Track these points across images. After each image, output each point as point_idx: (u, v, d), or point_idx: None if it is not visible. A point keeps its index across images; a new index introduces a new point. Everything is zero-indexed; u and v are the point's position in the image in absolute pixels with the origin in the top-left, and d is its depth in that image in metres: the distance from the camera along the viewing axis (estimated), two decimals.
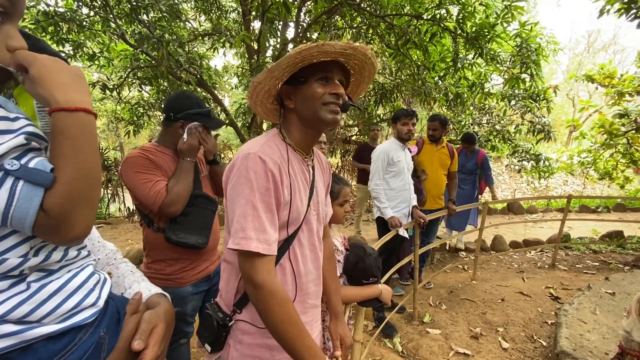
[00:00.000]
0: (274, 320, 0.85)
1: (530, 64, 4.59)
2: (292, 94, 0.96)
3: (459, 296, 3.45)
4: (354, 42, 0.88)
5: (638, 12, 3.08)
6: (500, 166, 13.08)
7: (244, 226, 0.84)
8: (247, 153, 0.87)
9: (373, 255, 1.51)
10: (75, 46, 4.80)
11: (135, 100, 6.15)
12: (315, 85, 0.92)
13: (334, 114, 0.93)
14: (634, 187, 9.18)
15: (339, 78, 0.95)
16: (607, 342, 2.36)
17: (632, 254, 4.75)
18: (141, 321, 0.66)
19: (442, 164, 3.37)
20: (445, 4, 4.17)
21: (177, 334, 1.60)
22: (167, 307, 0.74)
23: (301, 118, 0.97)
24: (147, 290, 0.79)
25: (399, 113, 2.90)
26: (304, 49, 0.84)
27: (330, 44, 0.85)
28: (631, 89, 6.23)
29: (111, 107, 9.35)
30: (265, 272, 0.85)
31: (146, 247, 1.56)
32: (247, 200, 0.85)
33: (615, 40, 25.16)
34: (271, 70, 0.89)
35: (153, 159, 1.44)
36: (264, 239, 0.85)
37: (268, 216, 0.87)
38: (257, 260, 0.85)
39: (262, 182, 0.86)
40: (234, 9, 6.23)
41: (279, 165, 0.90)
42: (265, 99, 0.99)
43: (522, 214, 8.00)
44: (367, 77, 1.03)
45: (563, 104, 22.23)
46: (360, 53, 0.91)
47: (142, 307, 0.72)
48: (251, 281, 0.85)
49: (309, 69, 0.91)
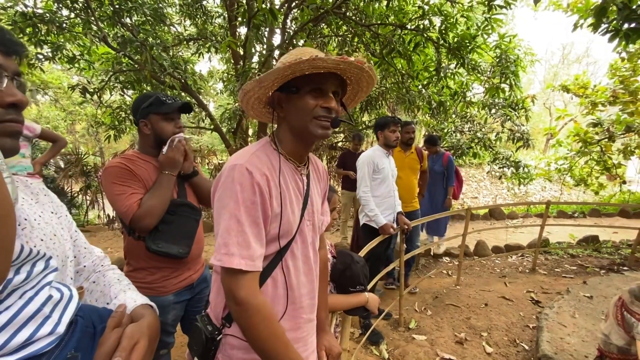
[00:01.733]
0: (258, 338, 0.82)
1: (509, 74, 4.75)
2: (283, 102, 0.93)
3: (443, 301, 3.48)
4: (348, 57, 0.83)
5: (609, 26, 3.23)
6: (481, 172, 13.40)
7: (227, 241, 0.81)
8: (234, 164, 0.85)
9: (360, 263, 1.51)
10: (54, 48, 4.67)
11: (117, 104, 6.01)
12: (307, 97, 0.88)
13: (324, 129, 0.90)
14: (607, 193, 9.56)
15: (334, 89, 0.91)
16: (586, 345, 2.43)
17: (607, 258, 4.93)
18: (122, 337, 0.62)
19: (412, 168, 3.52)
20: (429, 15, 4.28)
21: (157, 344, 1.54)
22: (151, 320, 0.71)
23: (291, 128, 0.94)
24: (133, 300, 0.75)
25: (386, 120, 2.91)
26: (293, 64, 0.80)
27: (323, 58, 0.81)
28: (603, 99, 6.53)
29: (91, 111, 9.11)
30: (248, 289, 0.82)
31: (127, 255, 1.51)
32: (232, 214, 0.82)
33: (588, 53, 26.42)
34: (260, 81, 0.86)
35: (132, 169, 1.40)
36: (248, 254, 0.82)
37: (253, 231, 0.84)
38: (240, 277, 0.82)
39: (248, 195, 0.83)
40: (220, 14, 6.21)
41: (267, 176, 0.86)
42: (256, 104, 0.97)
43: (504, 219, 8.19)
44: (365, 88, 1.00)
45: (540, 113, 23.07)
46: (355, 67, 0.87)
47: (126, 319, 0.68)
48: (234, 298, 0.82)
49: (302, 78, 0.87)
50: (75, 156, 6.51)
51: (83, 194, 6.89)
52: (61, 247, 0.71)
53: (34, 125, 2.87)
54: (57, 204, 0.79)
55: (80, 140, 15.45)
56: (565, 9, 5.41)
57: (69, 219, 0.82)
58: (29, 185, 0.74)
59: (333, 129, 0.92)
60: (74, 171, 6.31)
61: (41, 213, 0.70)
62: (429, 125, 7.30)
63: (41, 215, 0.69)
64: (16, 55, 0.61)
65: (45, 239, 0.66)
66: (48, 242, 0.67)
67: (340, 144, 7.75)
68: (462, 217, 4.21)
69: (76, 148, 7.05)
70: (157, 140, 1.49)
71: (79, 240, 0.85)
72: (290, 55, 0.90)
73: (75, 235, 0.84)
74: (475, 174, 13.46)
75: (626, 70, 6.27)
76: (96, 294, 0.81)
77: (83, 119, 10.01)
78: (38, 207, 0.71)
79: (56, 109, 12.51)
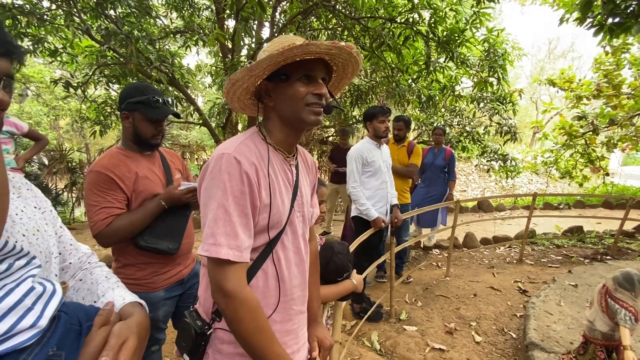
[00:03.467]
0: (245, 330, 0.81)
1: (497, 68, 4.81)
2: (272, 92, 0.91)
3: (433, 293, 3.54)
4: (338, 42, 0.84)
5: (594, 21, 3.29)
6: (470, 166, 13.57)
7: (214, 231, 0.80)
8: (222, 153, 0.83)
9: (342, 253, 1.51)
10: (35, 41, 4.51)
11: (102, 99, 5.86)
12: (297, 84, 0.87)
13: (316, 115, 0.89)
14: (591, 185, 9.81)
15: (322, 76, 0.91)
16: (572, 332, 2.50)
17: (591, 248, 5.07)
18: (110, 335, 0.60)
19: (401, 162, 3.57)
20: (418, 9, 4.29)
21: (148, 340, 1.52)
22: (140, 318, 0.69)
23: (281, 117, 0.93)
24: (121, 298, 0.73)
25: (374, 111, 2.88)
26: (286, 50, 0.79)
27: (315, 44, 0.81)
28: (588, 93, 6.65)
29: (75, 106, 8.88)
30: (236, 280, 0.81)
31: (115, 252, 1.48)
32: (219, 204, 0.80)
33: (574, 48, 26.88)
34: (251, 69, 0.84)
35: (115, 175, 1.35)
36: (236, 245, 0.80)
37: (242, 221, 0.82)
38: (227, 268, 0.80)
39: (236, 185, 0.81)
40: (207, 6, 6.09)
41: (256, 166, 0.85)
42: (243, 95, 0.94)
43: (492, 211, 8.34)
44: (350, 74, 1.00)
45: (527, 107, 23.46)
46: (345, 52, 0.87)
47: (114, 318, 0.66)
48: (220, 289, 0.81)
49: (292, 65, 0.86)
50: (60, 152, 6.34)
51: (68, 191, 6.74)
52: (45, 242, 0.68)
53: (22, 123, 3.01)
54: (41, 198, 0.77)
55: (65, 136, 15.08)
56: (552, 3, 5.48)
57: (53, 214, 0.79)
58: (10, 179, 0.71)
59: (325, 115, 0.92)
60: (58, 168, 6.15)
61: (23, 208, 0.68)
62: (419, 119, 7.35)
63: (23, 210, 0.67)
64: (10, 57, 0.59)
65: (28, 234, 0.64)
66: (31, 238, 0.64)
67: (331, 139, 7.74)
68: (452, 209, 4.26)
69: (60, 144, 6.85)
70: (135, 136, 1.46)
71: (65, 237, 0.83)
72: (274, 44, 0.88)
73: (60, 232, 0.81)
74: (464, 167, 13.63)
75: (610, 64, 6.40)
76: (83, 292, 0.79)
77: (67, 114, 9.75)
78: (20, 201, 0.69)
79: (38, 104, 12.14)
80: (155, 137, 1.48)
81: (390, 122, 2.94)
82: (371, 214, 2.76)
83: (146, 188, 1.42)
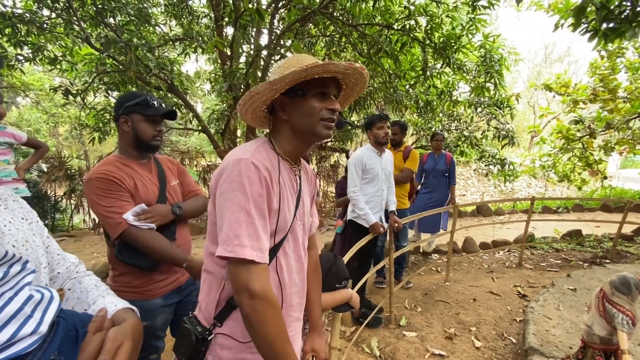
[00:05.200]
0: (269, 332, 0.81)
1: (494, 73, 4.85)
2: (287, 106, 0.96)
3: (433, 298, 3.53)
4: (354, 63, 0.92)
5: (588, 26, 3.32)
6: (469, 170, 13.61)
7: (238, 233, 0.81)
8: (240, 158, 0.85)
9: (343, 260, 1.53)
10: (34, 49, 4.55)
11: (102, 106, 5.89)
12: (313, 100, 0.93)
13: (329, 129, 0.96)
14: (589, 188, 9.83)
15: (334, 93, 0.98)
16: (570, 336, 2.49)
17: (590, 252, 5.07)
18: (105, 340, 0.61)
19: (397, 167, 3.57)
20: (414, 15, 4.34)
21: (147, 349, 1.52)
22: (134, 322, 0.69)
23: (294, 130, 0.97)
24: (113, 305, 0.74)
25: (372, 118, 2.91)
26: (310, 67, 0.85)
27: (335, 63, 0.88)
28: (584, 97, 6.71)
29: (75, 113, 8.91)
30: (263, 280, 0.82)
31: (111, 260, 1.48)
32: (241, 207, 0.82)
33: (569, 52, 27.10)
34: (273, 83, 0.88)
35: (117, 178, 1.36)
36: (259, 246, 0.82)
37: (262, 223, 0.85)
38: (252, 269, 0.81)
39: (256, 189, 0.84)
40: (206, 14, 6.15)
41: (270, 172, 0.89)
42: (259, 108, 0.98)
43: (490, 215, 8.34)
44: (357, 93, 1.07)
45: (525, 111, 23.57)
46: (358, 72, 0.95)
47: (107, 324, 0.67)
48: (248, 290, 0.80)
49: (308, 82, 0.92)
50: (59, 160, 6.35)
51: (67, 198, 6.72)
52: (34, 253, 0.69)
53: (20, 133, 3.02)
54: (27, 209, 0.77)
55: (64, 143, 15.11)
56: (547, 9, 5.55)
57: (40, 224, 0.80)
58: None
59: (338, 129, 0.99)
60: (57, 175, 6.15)
61: (11, 219, 0.68)
62: (417, 125, 7.38)
63: (11, 221, 0.68)
64: None
65: (17, 245, 0.65)
66: (20, 249, 0.65)
67: (330, 144, 7.76)
68: (451, 214, 4.27)
69: (59, 151, 6.87)
70: (135, 140, 1.45)
71: (52, 247, 0.83)
72: (289, 62, 0.94)
73: (47, 242, 0.82)
74: (463, 171, 13.66)
75: (605, 68, 6.46)
76: (72, 301, 0.79)
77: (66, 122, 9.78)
78: (7, 213, 0.69)
79: (38, 111, 12.19)
80: (155, 138, 1.49)
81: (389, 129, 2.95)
82: (370, 218, 2.77)
83: (141, 195, 1.43)
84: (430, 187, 4.51)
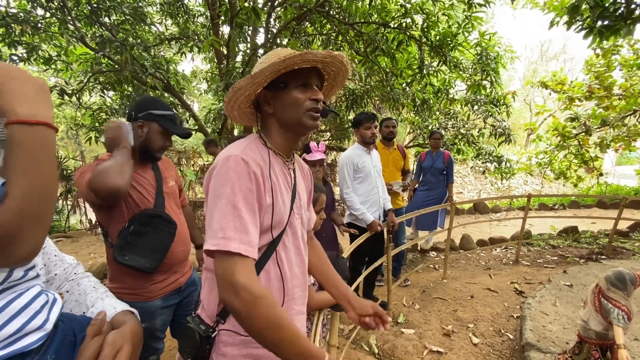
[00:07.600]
0: (263, 327, 0.77)
1: (490, 71, 4.86)
2: (271, 99, 0.96)
3: (431, 295, 3.55)
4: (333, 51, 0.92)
5: (583, 24, 3.34)
6: (465, 168, 13.65)
7: (223, 226, 0.79)
8: (229, 155, 0.86)
9: (344, 259, 1.53)
10: (29, 49, 4.51)
11: (97, 105, 5.86)
12: (296, 91, 0.93)
13: (315, 119, 0.96)
14: (585, 185, 9.90)
15: (316, 83, 0.98)
16: (567, 332, 2.51)
17: (586, 248, 5.11)
18: (104, 344, 0.60)
19: (396, 165, 3.59)
20: (411, 13, 4.34)
21: (146, 350, 1.51)
22: (133, 326, 0.69)
23: (281, 123, 0.97)
24: (112, 307, 0.73)
25: (360, 118, 2.89)
26: (287, 58, 0.85)
27: (313, 52, 0.88)
28: (580, 95, 6.74)
29: (70, 113, 8.85)
30: (248, 273, 0.78)
31: (110, 261, 1.47)
32: (228, 201, 0.81)
33: (565, 50, 27.23)
34: (254, 77, 0.89)
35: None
36: (247, 240, 0.80)
37: (250, 217, 0.83)
38: (238, 262, 0.78)
39: (244, 183, 0.83)
40: (202, 13, 6.12)
41: (261, 167, 0.88)
42: (244, 103, 0.98)
43: (488, 213, 8.38)
44: (340, 82, 1.06)
45: (521, 109, 23.66)
46: (337, 60, 0.95)
47: (107, 327, 0.65)
48: (232, 285, 0.76)
49: (289, 74, 0.92)
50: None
51: (63, 199, 6.70)
52: None
53: None
54: None
55: (60, 144, 15.00)
56: (542, 7, 5.56)
57: None
58: None
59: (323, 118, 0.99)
60: None
61: None
62: (414, 123, 7.39)
63: None
64: None
65: None
66: None
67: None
68: (448, 212, 4.29)
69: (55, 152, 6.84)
70: (144, 147, 1.45)
71: (49, 248, 0.82)
72: (271, 55, 0.94)
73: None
74: (460, 169, 13.71)
75: (601, 66, 6.50)
76: (71, 304, 0.77)
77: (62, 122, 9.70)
78: None
79: None
80: (161, 150, 1.50)
81: (377, 128, 2.93)
82: (367, 217, 2.76)
83: (137, 192, 1.42)
84: (428, 184, 4.53)
